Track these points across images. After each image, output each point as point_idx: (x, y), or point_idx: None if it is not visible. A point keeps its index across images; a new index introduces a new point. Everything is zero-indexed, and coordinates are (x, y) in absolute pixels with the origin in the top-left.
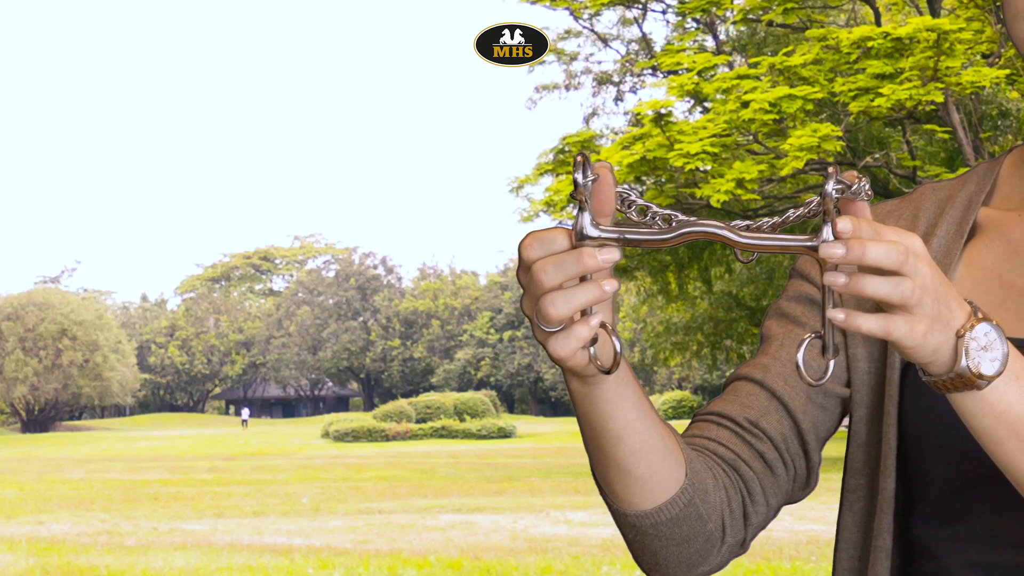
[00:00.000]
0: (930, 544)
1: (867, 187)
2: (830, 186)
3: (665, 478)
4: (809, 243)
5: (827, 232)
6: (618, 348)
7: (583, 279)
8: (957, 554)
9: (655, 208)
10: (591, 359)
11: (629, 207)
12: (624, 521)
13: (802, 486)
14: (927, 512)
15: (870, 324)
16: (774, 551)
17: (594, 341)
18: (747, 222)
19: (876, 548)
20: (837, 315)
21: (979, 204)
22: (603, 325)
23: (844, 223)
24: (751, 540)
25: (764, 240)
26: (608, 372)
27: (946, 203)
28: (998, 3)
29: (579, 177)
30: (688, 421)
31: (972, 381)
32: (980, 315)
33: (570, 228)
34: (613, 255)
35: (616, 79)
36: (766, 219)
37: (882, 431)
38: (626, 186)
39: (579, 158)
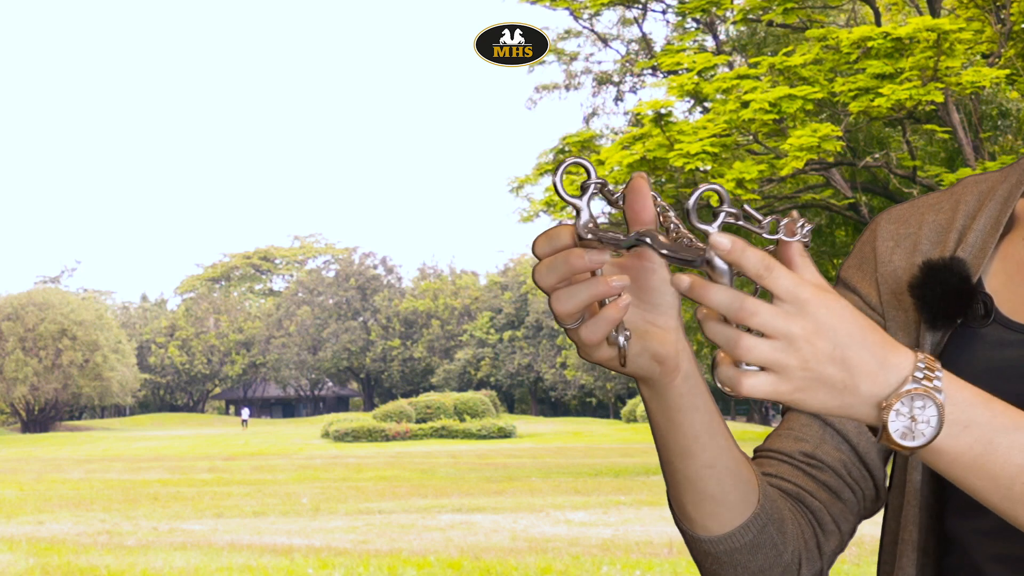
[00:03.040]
0: (959, 537)
1: (805, 230)
2: (715, 225)
3: (738, 501)
4: (696, 259)
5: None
6: (621, 341)
7: (594, 273)
8: (983, 547)
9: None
10: (619, 351)
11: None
12: (700, 548)
13: (872, 502)
14: (956, 506)
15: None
16: None
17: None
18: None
19: (903, 541)
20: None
21: (1018, 197)
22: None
23: (722, 241)
24: (828, 570)
25: (672, 252)
26: (622, 366)
27: (987, 195)
28: (998, 3)
29: (558, 180)
30: None
31: (899, 448)
32: (913, 387)
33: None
34: (602, 256)
35: (616, 79)
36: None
37: None
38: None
39: (571, 162)
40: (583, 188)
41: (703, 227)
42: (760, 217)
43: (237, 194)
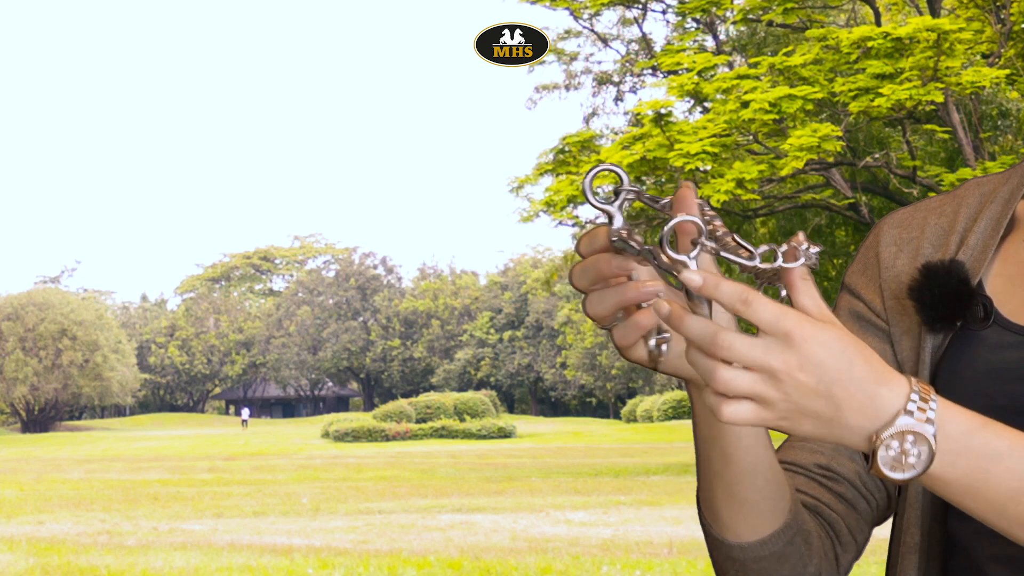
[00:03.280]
0: (961, 539)
1: (812, 253)
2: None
3: (772, 509)
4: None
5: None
6: (651, 344)
7: (630, 277)
8: (984, 548)
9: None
10: (649, 354)
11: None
12: (726, 553)
13: (884, 511)
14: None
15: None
16: None
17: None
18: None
19: (906, 544)
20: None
21: (1019, 199)
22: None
23: (694, 279)
24: None
25: (667, 267)
26: (654, 369)
27: (988, 198)
28: (998, 3)
29: (589, 188)
30: (688, 421)
31: (888, 480)
32: (905, 421)
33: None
34: (628, 263)
35: (616, 79)
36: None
37: None
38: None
39: (601, 167)
40: (615, 193)
41: (680, 258)
42: (751, 248)
43: (237, 194)
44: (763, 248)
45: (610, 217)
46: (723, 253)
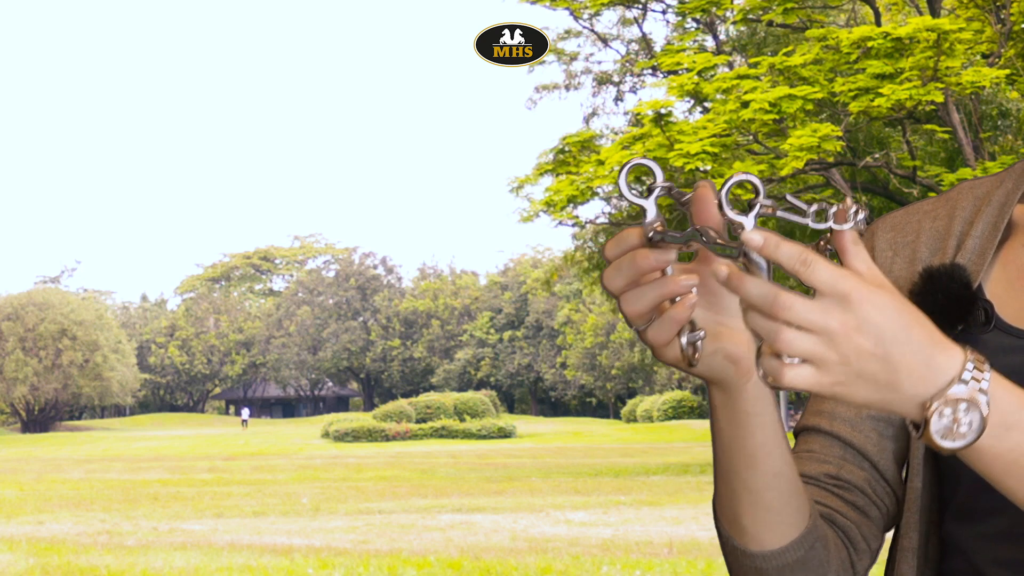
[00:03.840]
0: (960, 541)
1: (861, 219)
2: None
3: (793, 515)
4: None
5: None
6: (684, 341)
7: (663, 274)
8: (986, 551)
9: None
10: (683, 352)
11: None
12: (747, 563)
13: (894, 516)
14: (957, 509)
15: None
16: None
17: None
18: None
19: (903, 547)
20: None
21: (1015, 202)
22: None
23: (755, 238)
24: None
25: (722, 246)
26: (691, 365)
27: (983, 201)
28: (998, 3)
29: (625, 182)
30: (688, 421)
31: (938, 448)
32: (959, 389)
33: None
34: (668, 255)
35: (616, 79)
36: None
37: (908, 430)
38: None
39: (636, 162)
40: (649, 189)
41: (738, 218)
42: (804, 207)
43: (237, 194)
44: (815, 207)
45: (644, 211)
46: (779, 212)
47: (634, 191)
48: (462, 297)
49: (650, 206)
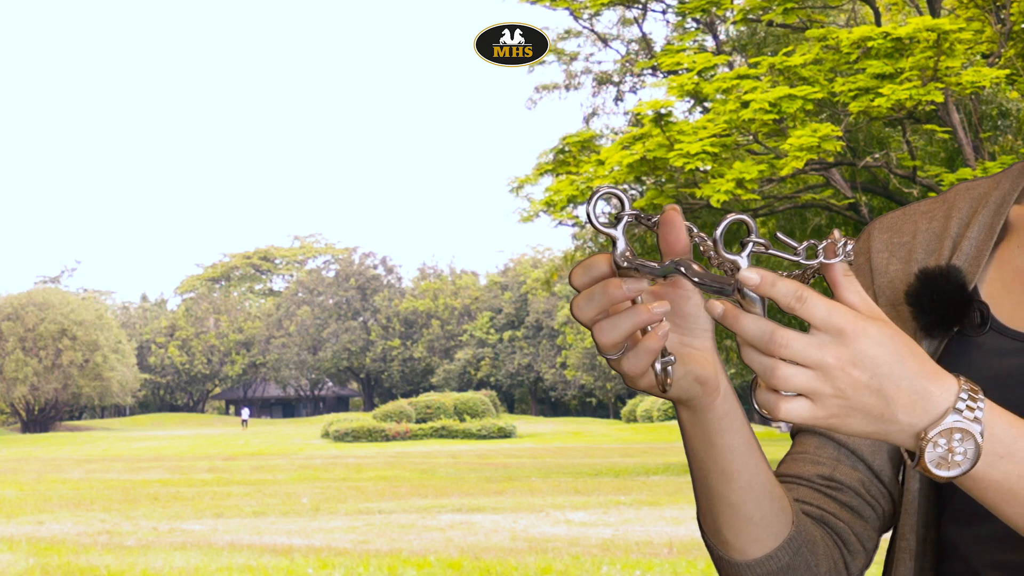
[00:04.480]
0: (958, 544)
1: (849, 250)
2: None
3: (774, 523)
4: (726, 286)
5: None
6: (658, 368)
7: (634, 302)
8: (983, 554)
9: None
10: (656, 378)
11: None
12: (734, 573)
13: (890, 517)
14: (955, 512)
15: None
16: None
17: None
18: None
19: (900, 548)
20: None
21: (1011, 203)
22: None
23: (751, 276)
24: None
25: (706, 281)
26: (664, 391)
27: (979, 202)
28: (998, 3)
29: (599, 210)
30: None
31: (934, 477)
32: (954, 419)
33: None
34: (640, 285)
35: (616, 79)
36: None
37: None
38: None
39: (604, 191)
40: (618, 218)
41: (732, 257)
42: (794, 244)
43: (237, 194)
44: (805, 244)
45: (614, 241)
46: (771, 251)
47: (601, 220)
48: (462, 297)
49: (619, 235)
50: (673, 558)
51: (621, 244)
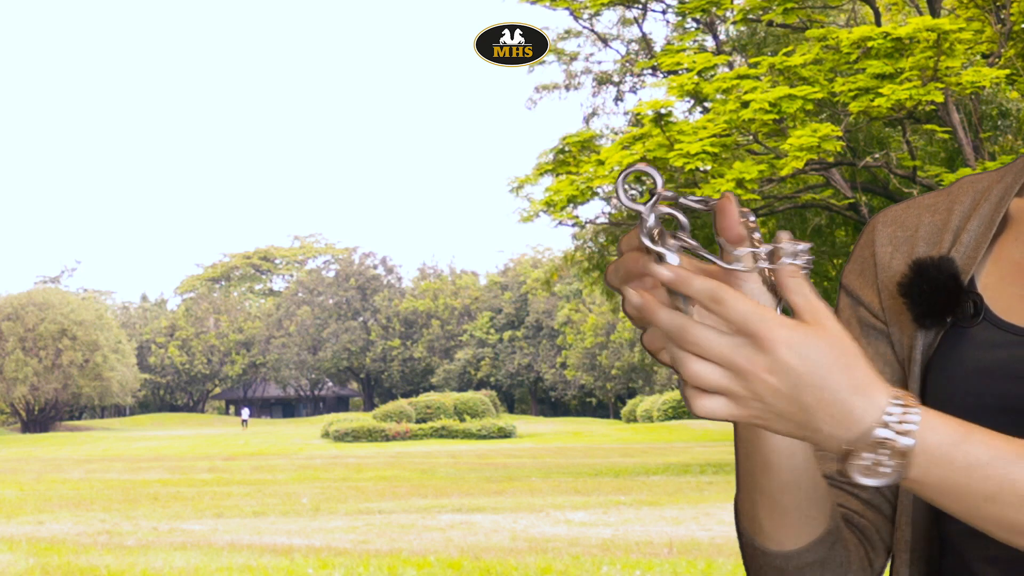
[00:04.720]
0: (954, 539)
1: (801, 250)
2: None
3: (813, 516)
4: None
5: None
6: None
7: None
8: (978, 549)
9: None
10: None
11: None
12: (767, 563)
13: None
14: None
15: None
16: None
17: None
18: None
19: (899, 540)
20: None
21: (1012, 197)
22: None
23: (663, 272)
24: None
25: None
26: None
27: (982, 196)
28: (998, 3)
29: (621, 193)
30: (688, 421)
31: (861, 485)
32: (880, 433)
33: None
34: (664, 261)
35: (616, 79)
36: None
37: None
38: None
39: (636, 167)
40: (651, 194)
41: (659, 250)
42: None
43: (237, 194)
44: (744, 251)
45: (641, 217)
46: (702, 252)
47: (630, 196)
48: (462, 297)
49: (647, 212)
50: (673, 558)
51: (650, 221)
